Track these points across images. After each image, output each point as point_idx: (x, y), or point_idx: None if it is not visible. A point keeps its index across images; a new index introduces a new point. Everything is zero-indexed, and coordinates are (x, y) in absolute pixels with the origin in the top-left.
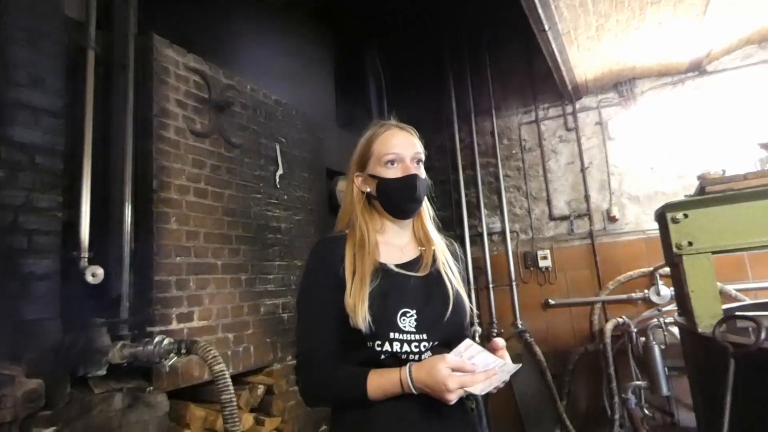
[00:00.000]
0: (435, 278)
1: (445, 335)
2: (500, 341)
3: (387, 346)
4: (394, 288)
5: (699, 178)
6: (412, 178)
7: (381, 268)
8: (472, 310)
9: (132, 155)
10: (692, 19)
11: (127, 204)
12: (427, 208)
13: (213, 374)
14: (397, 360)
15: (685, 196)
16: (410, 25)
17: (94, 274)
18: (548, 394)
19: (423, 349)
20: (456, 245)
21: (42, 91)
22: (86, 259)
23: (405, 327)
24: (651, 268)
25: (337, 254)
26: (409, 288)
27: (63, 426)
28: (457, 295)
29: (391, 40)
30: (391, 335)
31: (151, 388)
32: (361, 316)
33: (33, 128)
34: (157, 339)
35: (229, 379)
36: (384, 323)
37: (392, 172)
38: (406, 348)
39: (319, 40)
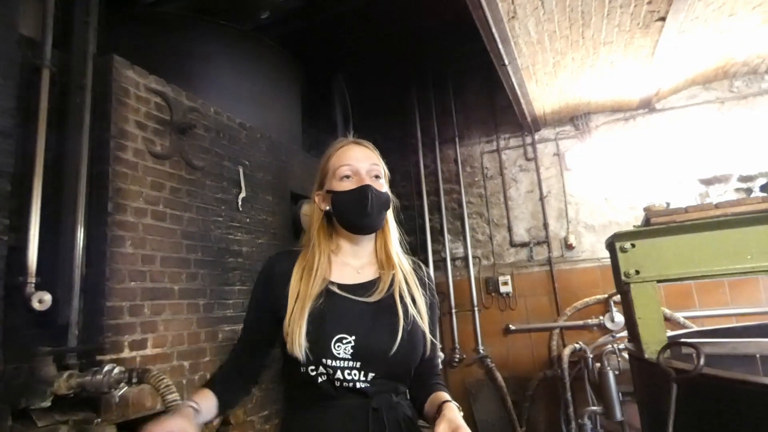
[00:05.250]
0: (387, 306)
1: (391, 369)
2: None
3: (322, 370)
4: (335, 312)
5: (645, 209)
6: (364, 189)
7: (326, 289)
8: (433, 343)
9: (87, 177)
10: (642, 60)
11: (79, 227)
12: (392, 229)
13: (165, 404)
14: (332, 385)
15: (634, 226)
16: (378, 54)
17: (41, 301)
18: (508, 421)
19: (356, 377)
20: (425, 270)
21: None
22: (33, 285)
23: (339, 354)
24: (606, 296)
25: (286, 271)
26: (352, 313)
27: None
28: (411, 327)
29: (358, 68)
30: (324, 361)
31: (99, 419)
32: (297, 344)
33: None
34: (106, 368)
35: None
36: (318, 349)
37: (346, 185)
38: (339, 375)
39: (286, 66)
